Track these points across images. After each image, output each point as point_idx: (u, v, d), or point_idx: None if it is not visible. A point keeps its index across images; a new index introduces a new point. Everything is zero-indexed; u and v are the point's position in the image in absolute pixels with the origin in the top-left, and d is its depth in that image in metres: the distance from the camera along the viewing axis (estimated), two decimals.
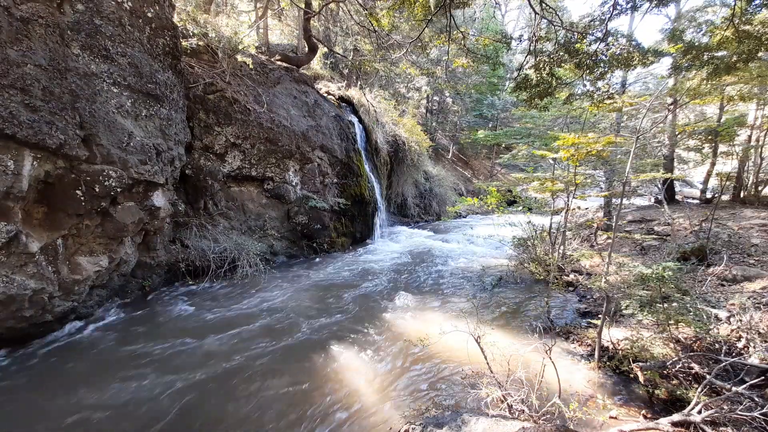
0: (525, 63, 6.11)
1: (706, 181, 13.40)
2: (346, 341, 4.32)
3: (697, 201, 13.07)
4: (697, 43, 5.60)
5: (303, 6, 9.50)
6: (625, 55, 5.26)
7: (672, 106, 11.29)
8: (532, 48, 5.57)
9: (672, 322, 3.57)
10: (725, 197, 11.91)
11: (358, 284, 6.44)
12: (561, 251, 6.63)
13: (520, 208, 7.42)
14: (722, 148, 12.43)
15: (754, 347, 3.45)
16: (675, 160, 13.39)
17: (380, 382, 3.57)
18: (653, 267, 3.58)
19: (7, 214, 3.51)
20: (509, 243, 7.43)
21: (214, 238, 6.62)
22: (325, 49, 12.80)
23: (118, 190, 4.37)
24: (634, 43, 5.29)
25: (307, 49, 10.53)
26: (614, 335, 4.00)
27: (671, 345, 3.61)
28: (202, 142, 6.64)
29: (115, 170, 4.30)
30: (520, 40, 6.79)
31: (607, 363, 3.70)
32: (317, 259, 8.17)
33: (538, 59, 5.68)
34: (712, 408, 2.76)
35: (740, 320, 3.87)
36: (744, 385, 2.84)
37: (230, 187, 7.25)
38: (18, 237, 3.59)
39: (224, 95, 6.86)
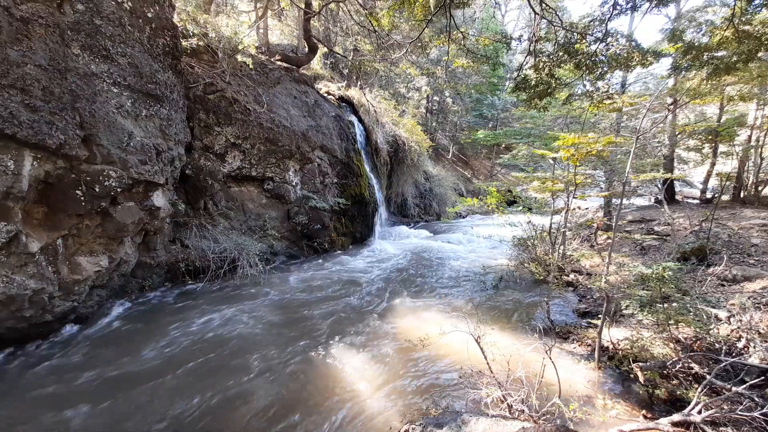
0: (525, 63, 6.11)
1: (706, 181, 13.39)
2: (345, 341, 4.32)
3: (697, 201, 13.05)
4: (697, 43, 5.60)
5: (303, 6, 9.50)
6: (625, 55, 5.27)
7: (672, 106, 11.27)
8: (531, 48, 5.57)
9: (672, 322, 3.57)
10: (725, 197, 11.90)
11: (358, 284, 6.44)
12: (561, 251, 6.63)
13: (520, 208, 7.42)
14: (722, 148, 12.42)
15: (754, 347, 3.45)
16: (675, 160, 13.36)
17: (380, 382, 3.56)
18: (653, 267, 3.58)
19: (7, 214, 3.51)
20: (509, 243, 7.43)
21: (214, 238, 6.62)
22: (325, 49, 12.79)
23: (118, 190, 4.37)
24: (633, 43, 5.30)
25: (307, 49, 10.53)
26: (614, 335, 4.00)
27: (671, 345, 3.61)
28: (202, 142, 6.64)
29: (115, 170, 4.30)
30: (520, 41, 6.79)
31: (608, 363, 3.70)
32: (317, 260, 8.16)
33: (537, 60, 5.68)
34: (712, 408, 2.76)
35: (740, 320, 3.87)
36: (744, 385, 2.84)
37: (230, 187, 7.25)
38: (18, 237, 3.59)
39: (224, 95, 6.86)
